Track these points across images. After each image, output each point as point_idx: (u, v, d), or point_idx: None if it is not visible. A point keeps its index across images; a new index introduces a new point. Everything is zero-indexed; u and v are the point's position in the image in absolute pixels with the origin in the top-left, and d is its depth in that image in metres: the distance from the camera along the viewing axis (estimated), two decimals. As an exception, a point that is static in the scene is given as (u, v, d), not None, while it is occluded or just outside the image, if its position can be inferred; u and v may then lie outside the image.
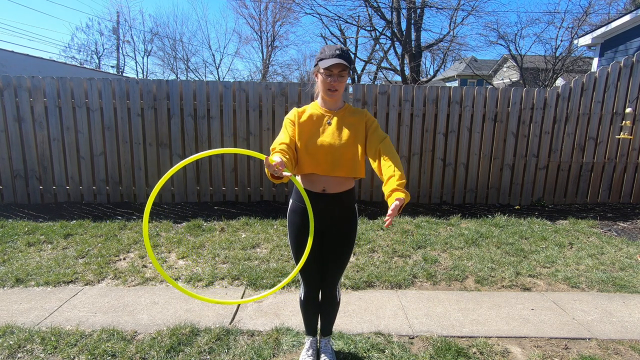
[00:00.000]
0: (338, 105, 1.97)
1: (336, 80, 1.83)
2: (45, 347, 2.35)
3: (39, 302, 2.92)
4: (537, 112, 5.49)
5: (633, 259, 3.85)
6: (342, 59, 1.77)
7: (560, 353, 2.41)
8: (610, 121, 5.55)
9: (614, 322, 2.75)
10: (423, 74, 20.48)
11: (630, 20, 7.62)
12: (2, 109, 5.14)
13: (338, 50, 1.80)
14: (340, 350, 2.36)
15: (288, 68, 33.73)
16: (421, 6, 15.21)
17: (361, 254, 3.88)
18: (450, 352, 2.34)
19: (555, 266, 3.69)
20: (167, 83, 5.25)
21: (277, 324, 2.62)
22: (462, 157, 5.58)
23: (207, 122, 5.34)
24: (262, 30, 26.91)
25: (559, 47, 17.07)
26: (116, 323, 2.64)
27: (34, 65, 9.78)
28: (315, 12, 16.80)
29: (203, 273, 3.41)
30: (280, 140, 1.87)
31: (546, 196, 5.73)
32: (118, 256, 3.78)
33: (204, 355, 2.31)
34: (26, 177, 5.31)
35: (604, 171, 5.68)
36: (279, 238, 4.22)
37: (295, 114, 1.94)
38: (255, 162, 5.45)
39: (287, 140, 1.87)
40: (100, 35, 37.05)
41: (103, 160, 5.33)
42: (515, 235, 4.40)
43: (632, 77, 5.44)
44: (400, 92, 5.39)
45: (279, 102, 5.27)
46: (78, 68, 14.59)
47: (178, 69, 28.18)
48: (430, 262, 3.70)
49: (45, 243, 4.07)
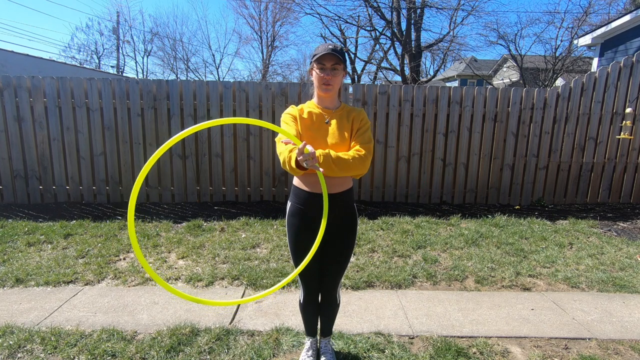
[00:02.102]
0: (335, 104, 1.95)
1: (329, 74, 1.82)
2: (45, 347, 2.34)
3: (39, 302, 2.92)
4: (537, 112, 5.49)
5: (633, 259, 3.85)
6: (334, 52, 1.78)
7: (560, 353, 2.41)
8: (610, 121, 5.55)
9: (614, 322, 2.75)
10: (423, 74, 20.48)
11: (630, 20, 7.62)
12: (2, 109, 5.14)
13: (331, 45, 1.81)
14: (340, 351, 2.36)
15: (288, 68, 33.81)
16: (421, 6, 15.21)
17: (361, 254, 3.88)
18: (450, 352, 2.34)
19: (555, 266, 3.69)
20: (167, 83, 5.25)
21: (277, 324, 2.62)
22: (462, 157, 5.58)
23: (207, 122, 5.33)
24: (262, 30, 26.94)
25: (559, 47, 17.09)
26: (116, 323, 2.64)
27: (34, 65, 9.78)
28: (315, 12, 16.83)
29: (203, 273, 3.41)
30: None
31: (546, 196, 5.73)
32: (118, 256, 3.78)
33: (204, 355, 2.30)
34: (26, 177, 5.31)
35: (604, 171, 5.68)
36: (279, 238, 4.22)
37: (295, 110, 1.92)
38: (255, 162, 5.45)
39: (294, 134, 1.83)
40: (100, 35, 37.07)
41: (103, 160, 5.33)
42: (515, 235, 4.40)
43: (632, 77, 5.44)
44: (400, 92, 5.39)
45: (279, 102, 5.27)
46: (78, 68, 14.58)
47: (178, 69, 28.21)
48: (430, 262, 3.70)
49: (45, 243, 4.07)
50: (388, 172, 5.55)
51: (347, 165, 1.76)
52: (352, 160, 1.78)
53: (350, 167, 1.77)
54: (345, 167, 1.76)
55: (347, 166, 1.76)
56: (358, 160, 1.79)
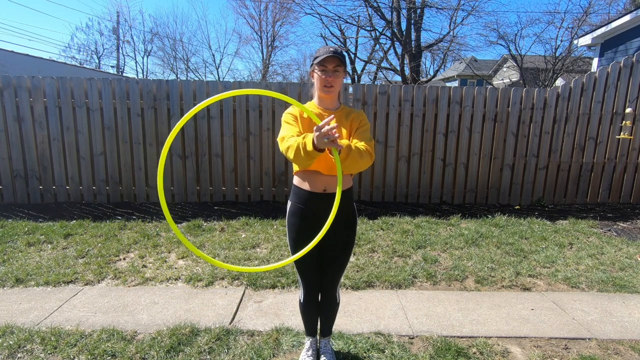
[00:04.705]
0: (335, 105, 1.96)
1: (331, 76, 1.83)
2: (45, 347, 2.34)
3: (39, 302, 2.92)
4: (537, 112, 5.49)
5: (633, 259, 3.85)
6: (335, 54, 1.79)
7: (560, 353, 2.41)
8: (610, 121, 5.55)
9: (614, 322, 2.75)
10: (423, 74, 20.48)
11: (630, 21, 7.61)
12: (2, 109, 5.14)
13: (332, 48, 1.83)
14: (340, 351, 2.36)
15: (288, 68, 33.82)
16: (421, 6, 15.21)
17: (361, 254, 3.88)
18: (450, 352, 2.34)
19: (555, 266, 3.69)
20: (167, 83, 5.24)
21: (277, 324, 2.62)
22: (462, 157, 5.58)
23: (207, 122, 5.34)
24: (262, 30, 26.96)
25: (559, 47, 17.09)
26: (116, 323, 2.64)
27: (34, 65, 9.78)
28: (315, 12, 16.84)
29: (203, 273, 3.41)
30: (291, 133, 1.82)
31: (546, 196, 5.73)
32: (118, 256, 3.78)
33: (204, 355, 2.30)
34: (26, 177, 5.31)
35: (604, 171, 5.68)
36: (279, 238, 4.22)
37: (296, 110, 1.92)
38: (255, 162, 5.45)
39: (297, 132, 1.83)
40: (100, 35, 37.05)
41: (103, 160, 5.33)
42: (515, 235, 4.40)
43: (632, 77, 5.44)
44: (400, 92, 5.39)
45: (279, 102, 5.27)
46: (78, 68, 14.57)
47: (178, 69, 28.21)
48: (430, 262, 3.70)
49: (45, 243, 4.07)
50: (388, 172, 5.55)
51: (360, 155, 1.75)
52: (365, 151, 1.78)
53: (362, 156, 1.76)
54: (359, 157, 1.74)
55: (360, 156, 1.75)
56: (367, 154, 1.79)
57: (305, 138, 1.67)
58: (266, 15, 26.57)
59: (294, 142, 1.70)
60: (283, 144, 1.79)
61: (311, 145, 1.62)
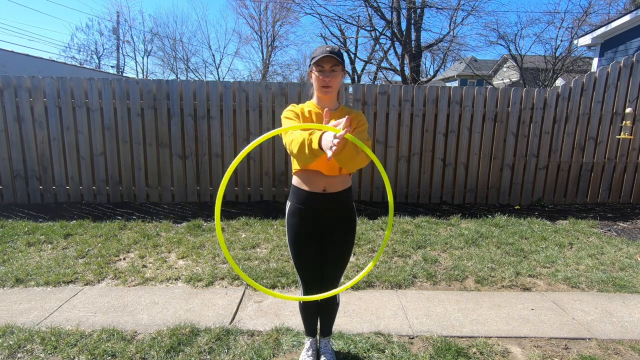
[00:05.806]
0: (334, 105, 1.95)
1: (328, 76, 1.81)
2: (45, 347, 2.34)
3: (39, 302, 2.92)
4: (537, 112, 5.49)
5: (633, 259, 3.85)
6: (332, 54, 1.77)
7: (560, 353, 2.41)
8: (610, 121, 5.55)
9: (614, 322, 2.75)
10: (423, 74, 20.48)
11: (630, 21, 7.62)
12: (2, 109, 5.14)
13: (329, 47, 1.81)
14: (340, 350, 2.36)
15: (288, 68, 33.69)
16: (421, 6, 15.22)
17: (361, 254, 3.88)
18: (450, 352, 2.34)
19: (555, 266, 3.69)
20: (167, 83, 5.25)
21: (277, 324, 2.62)
22: (462, 157, 5.58)
23: (207, 122, 5.34)
24: (262, 30, 26.96)
25: (559, 47, 17.10)
26: (116, 323, 2.64)
27: (34, 65, 9.77)
28: (315, 12, 16.84)
29: (203, 273, 3.41)
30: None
31: (546, 196, 5.73)
32: (118, 256, 3.78)
33: (204, 355, 2.30)
34: (26, 177, 5.31)
35: (604, 171, 5.68)
36: (279, 238, 4.22)
37: (297, 108, 1.91)
38: (255, 162, 5.46)
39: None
40: (100, 36, 37.00)
41: (103, 160, 5.33)
42: (515, 235, 4.40)
43: (632, 77, 5.44)
44: (400, 92, 5.39)
45: (279, 102, 5.28)
46: (78, 68, 14.57)
47: (178, 69, 28.21)
48: (430, 262, 3.70)
49: (45, 243, 4.07)
50: (388, 172, 5.55)
51: (356, 150, 1.68)
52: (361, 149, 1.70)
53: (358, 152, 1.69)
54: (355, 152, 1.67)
55: (357, 152, 1.68)
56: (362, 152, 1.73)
57: (312, 134, 1.60)
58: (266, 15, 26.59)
59: (300, 136, 1.63)
60: (287, 136, 1.73)
61: (317, 143, 1.56)
